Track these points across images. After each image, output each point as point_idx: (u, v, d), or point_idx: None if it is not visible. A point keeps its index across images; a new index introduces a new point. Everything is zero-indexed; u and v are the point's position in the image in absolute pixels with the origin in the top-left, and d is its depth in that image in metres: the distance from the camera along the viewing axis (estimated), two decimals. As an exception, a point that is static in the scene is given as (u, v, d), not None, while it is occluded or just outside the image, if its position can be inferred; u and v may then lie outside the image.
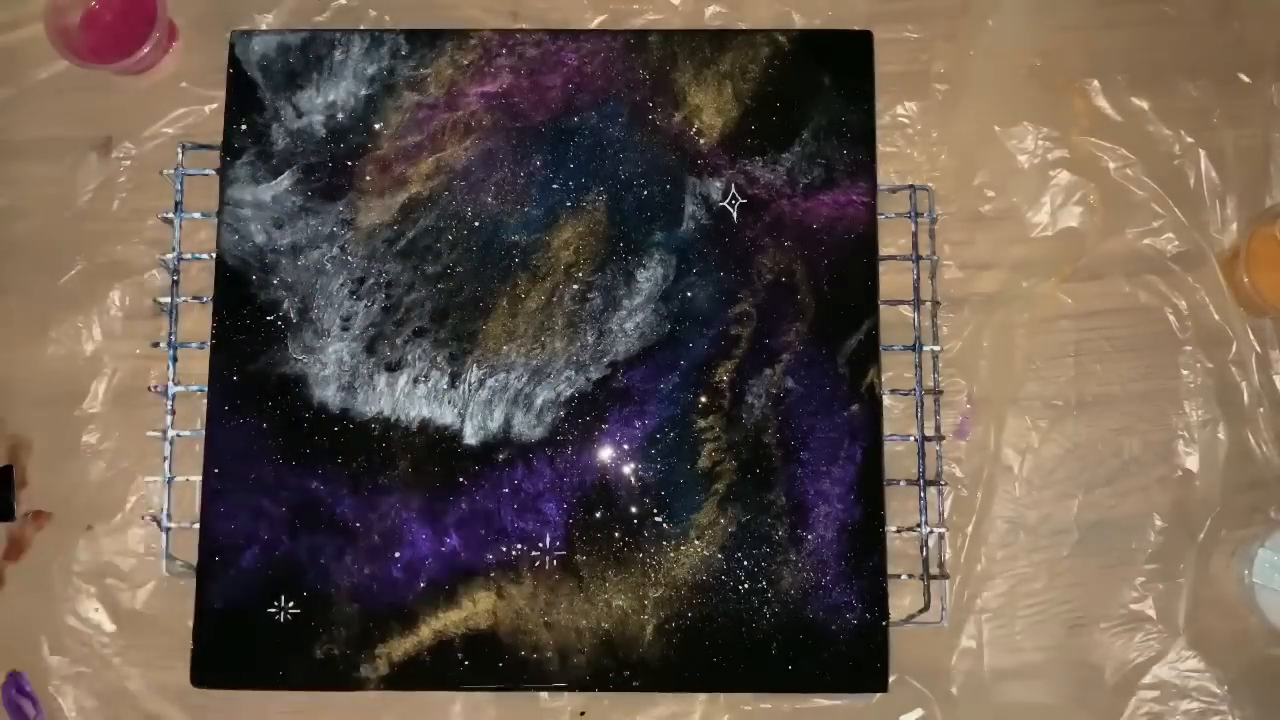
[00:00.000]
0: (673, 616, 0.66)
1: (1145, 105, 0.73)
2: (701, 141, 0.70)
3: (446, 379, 0.68)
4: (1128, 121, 0.73)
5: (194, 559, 0.67)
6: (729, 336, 0.68)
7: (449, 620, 0.66)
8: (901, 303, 0.71)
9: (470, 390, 0.68)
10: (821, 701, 0.68)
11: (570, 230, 0.69)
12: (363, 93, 0.71)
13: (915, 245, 0.72)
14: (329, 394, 0.68)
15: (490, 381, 0.68)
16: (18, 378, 0.73)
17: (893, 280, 0.71)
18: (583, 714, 0.68)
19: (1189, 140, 0.72)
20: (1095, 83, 0.73)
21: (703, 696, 0.68)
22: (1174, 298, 0.72)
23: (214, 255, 0.70)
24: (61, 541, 0.71)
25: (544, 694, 0.68)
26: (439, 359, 0.68)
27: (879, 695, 0.67)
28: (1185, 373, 0.71)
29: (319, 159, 0.70)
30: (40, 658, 0.69)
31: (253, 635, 0.66)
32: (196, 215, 0.72)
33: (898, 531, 0.69)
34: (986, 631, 0.69)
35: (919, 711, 0.68)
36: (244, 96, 0.71)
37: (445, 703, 0.68)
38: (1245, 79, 0.73)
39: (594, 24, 0.75)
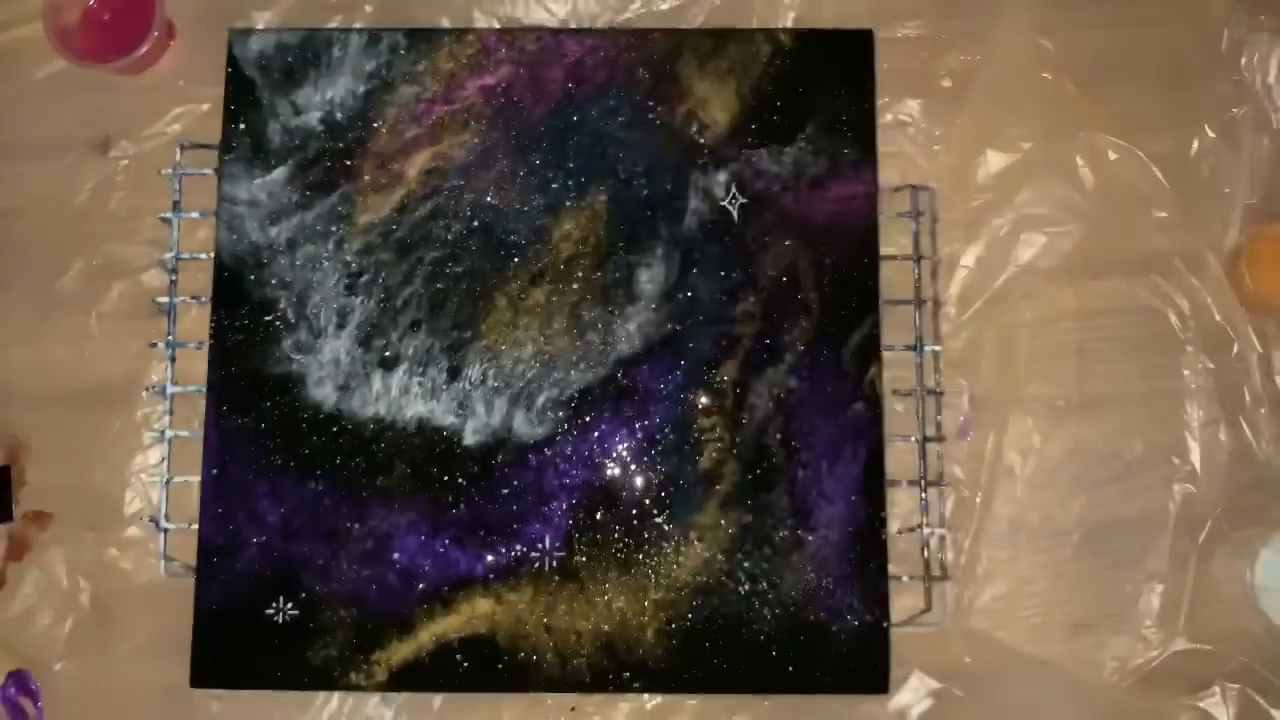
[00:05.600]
0: (674, 618, 0.66)
1: (1147, 104, 0.73)
2: (702, 140, 0.70)
3: (446, 378, 0.68)
4: (1130, 121, 0.72)
5: (192, 560, 0.67)
6: (731, 336, 0.68)
7: (447, 622, 0.66)
8: (902, 303, 0.71)
9: (470, 389, 0.68)
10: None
11: (572, 226, 0.69)
12: (361, 89, 0.71)
13: (916, 245, 0.71)
14: (328, 394, 0.68)
15: (491, 380, 0.68)
16: (15, 378, 0.72)
17: (893, 280, 0.71)
18: (573, 709, 0.68)
19: (1192, 140, 0.72)
20: (1097, 81, 0.73)
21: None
22: (1176, 298, 0.71)
23: (212, 255, 0.70)
24: (61, 542, 0.70)
25: (542, 695, 0.68)
26: (439, 358, 0.68)
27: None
28: (1187, 373, 0.71)
29: (317, 155, 0.70)
30: (40, 657, 0.69)
31: (252, 636, 0.66)
32: (195, 215, 0.72)
33: (899, 532, 0.69)
34: (988, 633, 0.69)
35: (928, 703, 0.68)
36: (242, 95, 0.71)
37: (444, 704, 0.68)
38: (1249, 78, 0.73)
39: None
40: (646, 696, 0.67)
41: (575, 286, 0.69)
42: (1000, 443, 0.70)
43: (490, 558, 0.66)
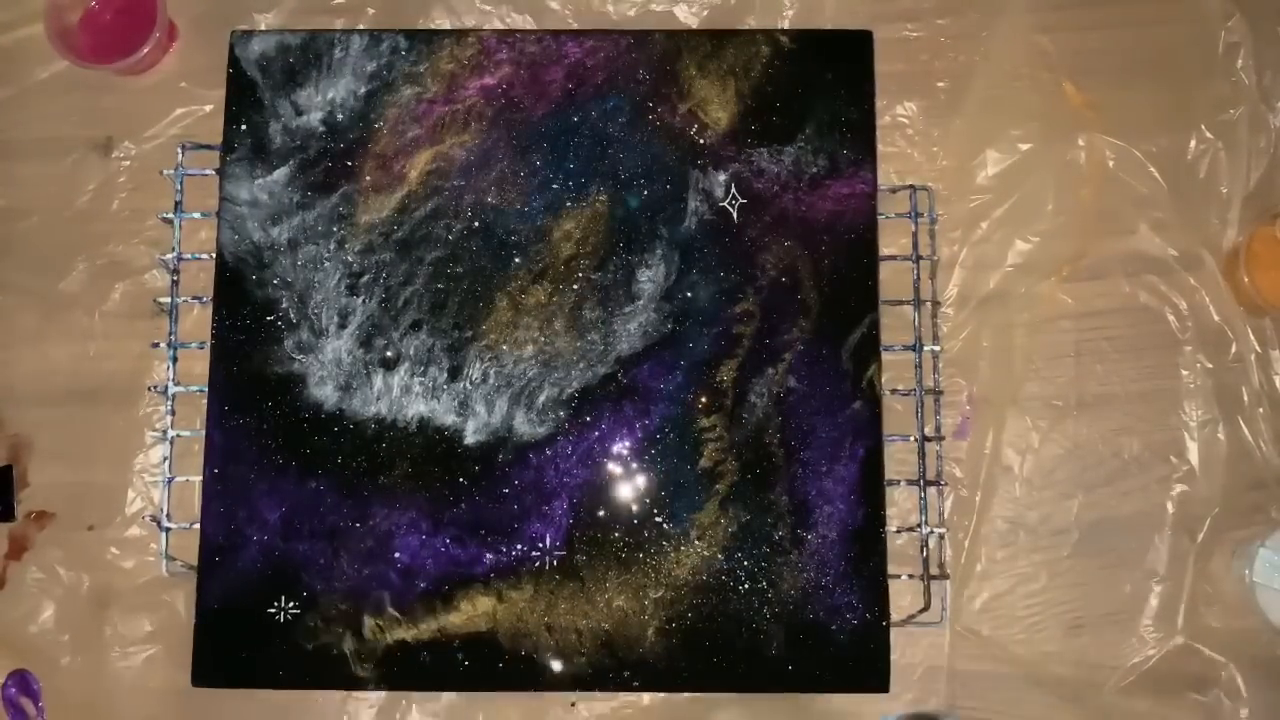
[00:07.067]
0: (674, 617, 0.66)
1: (1145, 105, 0.73)
2: (702, 140, 0.70)
3: (447, 377, 0.68)
4: (1128, 121, 0.73)
5: (194, 559, 0.67)
6: (730, 335, 0.68)
7: (448, 621, 0.66)
8: (902, 303, 0.71)
9: (471, 389, 0.68)
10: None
11: (572, 226, 0.69)
12: (362, 90, 0.71)
13: (915, 245, 0.72)
14: (329, 393, 0.68)
15: (491, 380, 0.68)
16: (18, 378, 0.73)
17: (893, 280, 0.71)
18: (574, 704, 0.68)
19: (1190, 140, 0.72)
20: (1096, 82, 0.73)
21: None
22: (1174, 298, 0.72)
23: (214, 255, 0.70)
24: (62, 541, 0.71)
25: (543, 694, 0.68)
26: (439, 358, 0.68)
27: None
28: (1185, 373, 0.71)
29: (319, 156, 0.70)
30: (41, 657, 0.69)
31: (253, 635, 0.66)
32: (196, 215, 0.72)
33: (898, 531, 0.69)
34: (986, 632, 0.69)
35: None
36: (244, 96, 0.71)
37: (444, 703, 0.68)
38: (1246, 80, 0.73)
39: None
40: (647, 696, 0.67)
41: (575, 286, 0.69)
42: (999, 442, 0.70)
43: (491, 556, 0.66)
